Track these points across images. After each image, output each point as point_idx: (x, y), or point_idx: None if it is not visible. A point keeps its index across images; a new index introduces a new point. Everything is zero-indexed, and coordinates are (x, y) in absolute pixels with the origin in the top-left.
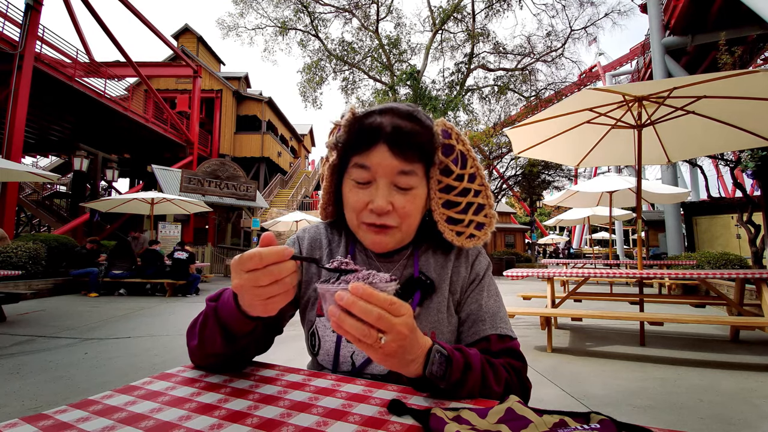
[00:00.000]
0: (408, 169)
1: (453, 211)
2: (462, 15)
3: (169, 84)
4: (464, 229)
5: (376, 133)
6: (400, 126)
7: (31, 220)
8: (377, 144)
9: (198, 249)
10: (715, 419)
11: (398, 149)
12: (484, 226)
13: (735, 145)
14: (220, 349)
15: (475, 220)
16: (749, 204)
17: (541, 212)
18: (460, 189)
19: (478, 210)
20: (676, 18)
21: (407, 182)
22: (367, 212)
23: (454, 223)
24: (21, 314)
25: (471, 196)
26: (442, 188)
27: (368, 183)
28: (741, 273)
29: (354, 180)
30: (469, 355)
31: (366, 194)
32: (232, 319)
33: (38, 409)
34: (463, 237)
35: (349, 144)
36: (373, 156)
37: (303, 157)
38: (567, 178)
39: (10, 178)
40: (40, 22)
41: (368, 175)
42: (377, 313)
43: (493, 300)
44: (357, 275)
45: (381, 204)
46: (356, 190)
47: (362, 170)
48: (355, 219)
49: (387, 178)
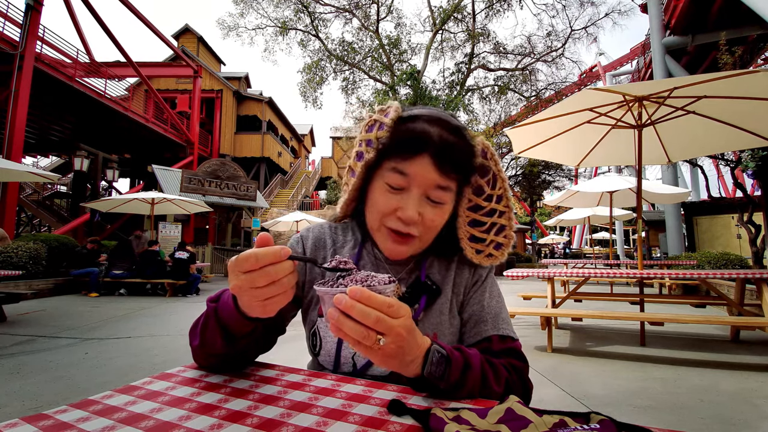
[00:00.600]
0: (445, 184)
1: (477, 230)
2: (462, 15)
3: (169, 84)
4: (485, 248)
5: (424, 142)
6: (448, 140)
7: (32, 220)
8: (422, 153)
9: (198, 249)
10: (716, 419)
11: (442, 164)
12: (502, 246)
13: (735, 145)
14: (221, 350)
15: (495, 240)
16: (750, 204)
17: (542, 212)
18: (487, 210)
19: (499, 231)
20: (676, 18)
21: (440, 197)
22: (393, 218)
23: (476, 241)
24: (21, 314)
25: (496, 217)
26: (470, 207)
27: (401, 189)
28: (741, 273)
29: (387, 183)
30: (468, 355)
31: (397, 200)
32: (231, 320)
33: (39, 409)
34: (482, 255)
35: (391, 146)
36: (415, 165)
37: (303, 157)
38: (567, 178)
39: (11, 178)
40: (40, 23)
41: (404, 182)
42: (375, 316)
43: (495, 301)
44: (355, 277)
45: (411, 214)
46: (388, 194)
47: (399, 176)
48: (377, 221)
49: (422, 189)
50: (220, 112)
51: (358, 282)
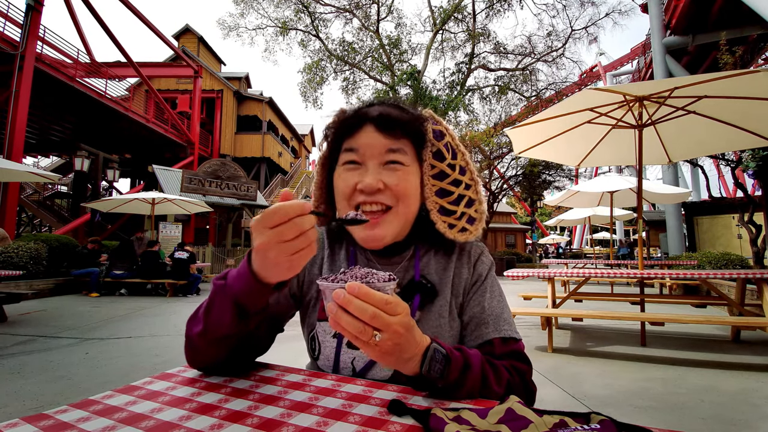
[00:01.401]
0: (396, 146)
1: (446, 200)
2: (462, 15)
3: (169, 84)
4: (456, 221)
5: (364, 116)
6: (387, 109)
7: (32, 221)
8: (364, 125)
9: (199, 249)
10: (716, 420)
11: (385, 127)
12: (475, 221)
13: (736, 145)
14: (228, 330)
15: (467, 212)
16: (750, 204)
17: (542, 212)
18: (452, 178)
19: (469, 203)
20: (677, 18)
21: (397, 158)
22: (357, 194)
23: (447, 214)
24: (22, 314)
25: (462, 188)
26: (435, 174)
27: (357, 165)
28: (742, 273)
29: (344, 163)
30: (468, 355)
31: (355, 175)
32: (246, 290)
33: (39, 409)
34: (456, 230)
35: (339, 132)
36: (361, 137)
37: (304, 157)
38: (568, 178)
39: (12, 178)
40: (41, 23)
41: (357, 156)
42: (372, 312)
43: (497, 301)
44: (356, 273)
45: (369, 181)
46: (346, 173)
47: (351, 153)
48: (346, 206)
49: (376, 159)
50: (220, 112)
51: (359, 278)
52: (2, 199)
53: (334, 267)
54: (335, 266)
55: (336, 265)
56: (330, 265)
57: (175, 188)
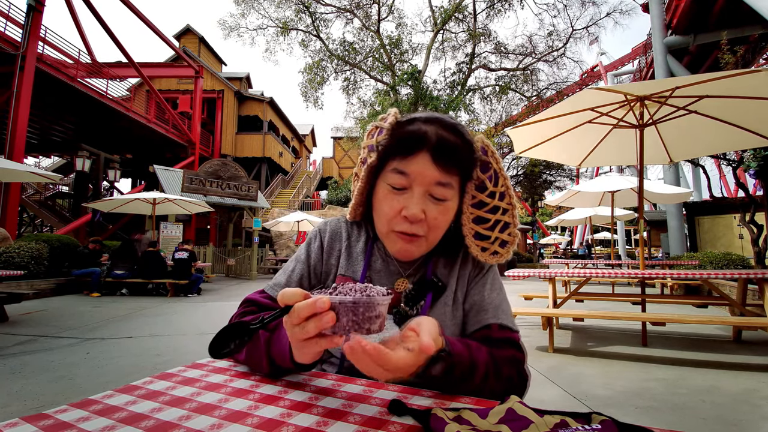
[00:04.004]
0: (446, 181)
1: (481, 227)
2: (463, 15)
3: (170, 84)
4: (490, 245)
5: (421, 141)
6: (445, 137)
7: (34, 221)
8: (420, 152)
9: (200, 249)
10: (718, 420)
11: (440, 160)
12: (507, 244)
13: (737, 145)
14: (266, 371)
15: (500, 237)
16: (752, 204)
17: (543, 212)
18: (491, 206)
19: (503, 228)
20: (678, 17)
21: (443, 194)
22: (399, 219)
23: (481, 239)
24: (23, 314)
25: (499, 214)
26: (474, 204)
27: (403, 189)
28: (743, 273)
29: (390, 185)
30: (474, 356)
31: (400, 201)
32: (282, 360)
33: (40, 409)
34: (488, 253)
35: (391, 148)
36: (414, 163)
37: (304, 158)
38: (569, 178)
39: (13, 178)
40: (42, 23)
41: (406, 182)
42: (379, 372)
43: (497, 293)
44: (354, 286)
45: (415, 212)
46: (391, 196)
47: (400, 176)
48: (385, 226)
49: (424, 187)
50: (221, 112)
51: (357, 291)
52: (4, 199)
53: (351, 258)
54: (352, 257)
55: (353, 256)
56: (347, 257)
57: (176, 188)
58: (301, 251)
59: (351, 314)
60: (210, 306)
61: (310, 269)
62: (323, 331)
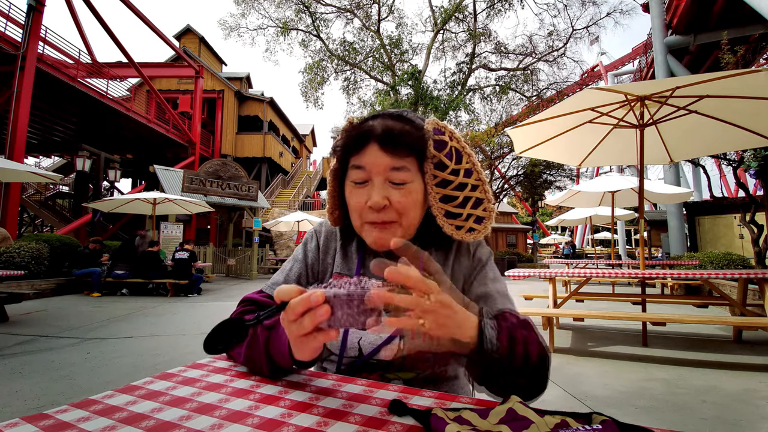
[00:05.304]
0: (399, 165)
1: (450, 205)
2: (463, 15)
3: (171, 84)
4: (463, 222)
5: (368, 134)
6: (389, 125)
7: (34, 221)
8: (369, 144)
9: (200, 249)
10: (718, 420)
11: (388, 145)
12: (483, 219)
13: (738, 145)
14: (266, 372)
15: (474, 213)
16: (752, 204)
17: (543, 212)
18: (456, 183)
19: (476, 204)
20: (678, 17)
21: (400, 177)
22: (367, 211)
23: (453, 217)
24: (23, 314)
25: (468, 191)
26: (438, 183)
27: (365, 183)
28: (744, 273)
29: (353, 181)
30: (510, 323)
31: (364, 193)
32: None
33: (41, 409)
34: (463, 231)
35: (346, 148)
36: (367, 155)
37: (305, 157)
38: (569, 177)
39: (13, 178)
40: (42, 23)
41: (364, 175)
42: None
43: (500, 283)
44: (349, 280)
45: (377, 199)
46: (356, 191)
47: (358, 170)
48: (358, 219)
49: (381, 176)
50: (221, 112)
51: (352, 284)
52: (4, 199)
53: (346, 256)
54: (347, 256)
55: (348, 255)
56: (342, 256)
57: (176, 188)
58: (298, 251)
59: (346, 307)
60: (210, 306)
61: (308, 268)
62: (319, 325)
